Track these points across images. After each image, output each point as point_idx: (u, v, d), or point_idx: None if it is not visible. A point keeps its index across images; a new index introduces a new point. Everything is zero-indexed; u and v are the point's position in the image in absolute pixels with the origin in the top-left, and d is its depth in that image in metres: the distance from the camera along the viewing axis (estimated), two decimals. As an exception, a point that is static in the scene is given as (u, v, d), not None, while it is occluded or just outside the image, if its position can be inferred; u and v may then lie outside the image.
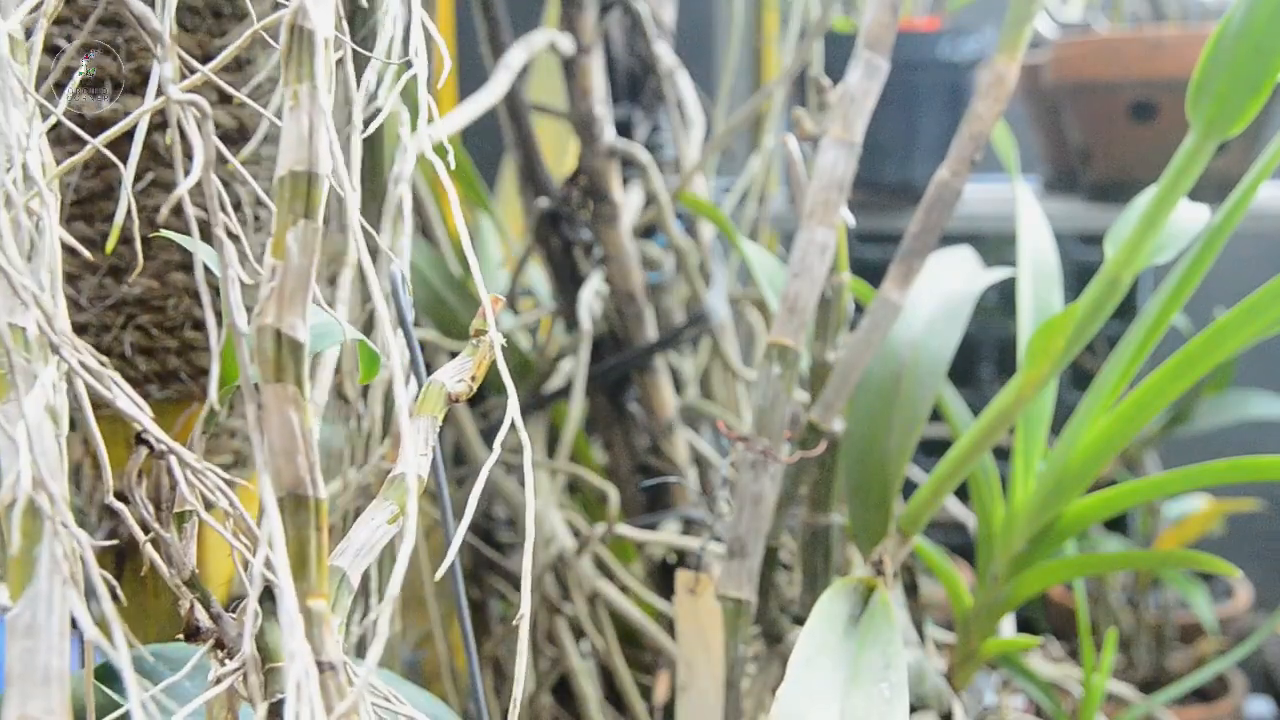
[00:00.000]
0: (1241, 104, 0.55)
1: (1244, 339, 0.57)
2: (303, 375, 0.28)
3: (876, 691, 0.46)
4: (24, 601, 0.26)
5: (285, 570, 0.26)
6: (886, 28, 0.59)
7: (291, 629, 0.25)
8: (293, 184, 0.28)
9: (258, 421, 0.28)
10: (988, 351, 1.69)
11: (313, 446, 0.28)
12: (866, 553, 0.63)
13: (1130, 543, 1.42)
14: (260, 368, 0.28)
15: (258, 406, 0.28)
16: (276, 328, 0.28)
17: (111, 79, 0.54)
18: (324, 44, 0.28)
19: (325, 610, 0.28)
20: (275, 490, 0.28)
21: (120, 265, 0.58)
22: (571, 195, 0.87)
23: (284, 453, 0.28)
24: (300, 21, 0.28)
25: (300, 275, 0.28)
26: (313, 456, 0.28)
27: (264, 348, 0.28)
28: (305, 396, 0.28)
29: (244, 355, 0.28)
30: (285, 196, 0.28)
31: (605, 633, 0.81)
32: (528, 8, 1.02)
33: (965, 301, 0.67)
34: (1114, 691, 0.83)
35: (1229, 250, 0.61)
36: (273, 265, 0.28)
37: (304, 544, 0.28)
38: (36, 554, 0.26)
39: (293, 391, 0.28)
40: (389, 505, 0.34)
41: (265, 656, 0.32)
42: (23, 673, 0.25)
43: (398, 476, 0.34)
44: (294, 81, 0.28)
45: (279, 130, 0.29)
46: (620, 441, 0.90)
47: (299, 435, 0.28)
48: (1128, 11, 1.33)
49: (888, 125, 1.16)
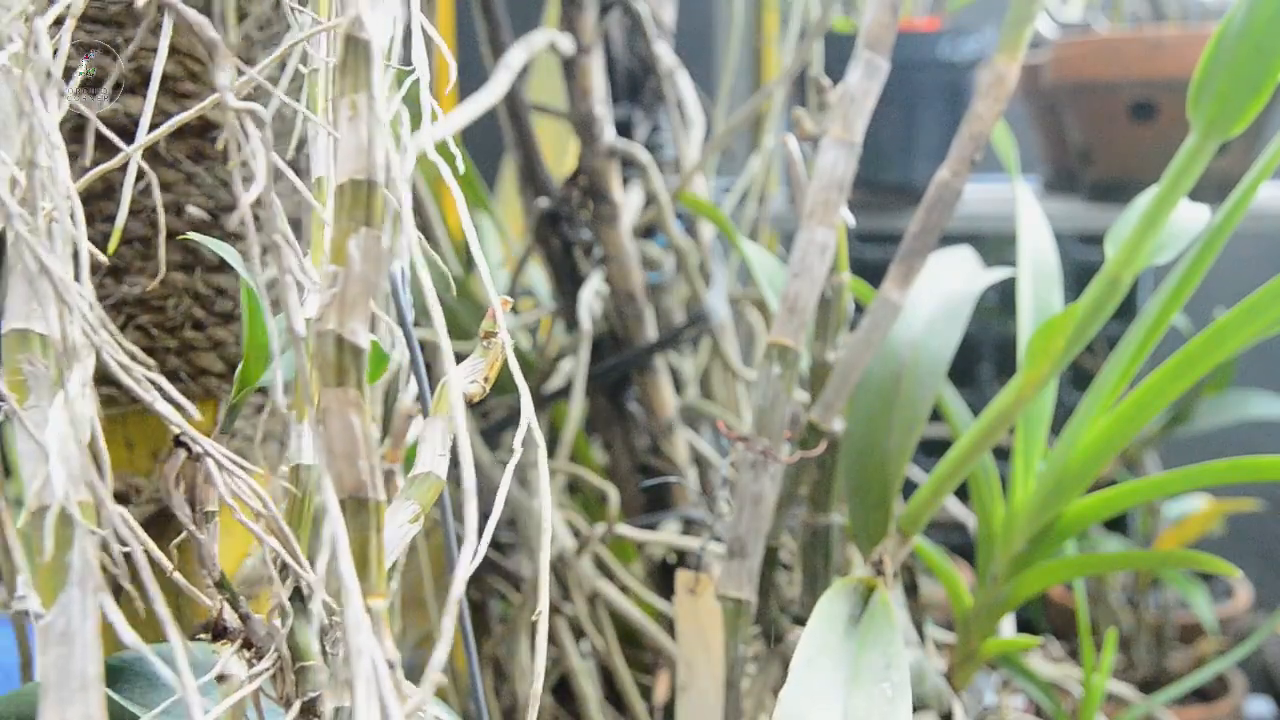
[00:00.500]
0: (1242, 104, 0.55)
1: (1244, 339, 0.57)
2: (363, 380, 0.28)
3: (878, 691, 0.46)
4: (57, 608, 0.26)
5: (350, 571, 0.26)
6: (886, 28, 0.59)
7: (358, 627, 0.25)
8: (353, 192, 0.29)
9: (318, 425, 0.28)
10: (988, 351, 1.69)
11: (374, 450, 0.28)
12: (866, 553, 0.63)
13: (1130, 543, 1.42)
14: (321, 372, 0.28)
15: (318, 410, 0.28)
16: (339, 333, 0.28)
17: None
18: (379, 54, 0.29)
19: (385, 610, 0.29)
20: (337, 493, 0.28)
21: (120, 265, 0.58)
22: (571, 195, 0.87)
23: (345, 456, 0.28)
24: (356, 32, 0.29)
25: (363, 282, 0.28)
26: (374, 460, 0.28)
27: (325, 352, 0.28)
28: (366, 401, 0.28)
29: (302, 359, 0.28)
30: (345, 204, 0.29)
31: (605, 633, 0.81)
32: (528, 8, 1.02)
33: (965, 301, 0.67)
34: (1114, 691, 0.83)
35: (1229, 250, 0.61)
36: (334, 271, 0.28)
37: (365, 545, 0.29)
38: (69, 560, 0.26)
39: (354, 395, 0.28)
40: (410, 504, 0.34)
41: (295, 656, 0.32)
42: (58, 680, 0.25)
43: (419, 476, 0.34)
44: (350, 91, 0.29)
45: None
46: (620, 441, 0.90)
47: (360, 439, 0.28)
48: (1128, 11, 1.33)
49: (888, 125, 1.16)
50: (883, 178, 1.25)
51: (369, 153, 0.29)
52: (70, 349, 0.29)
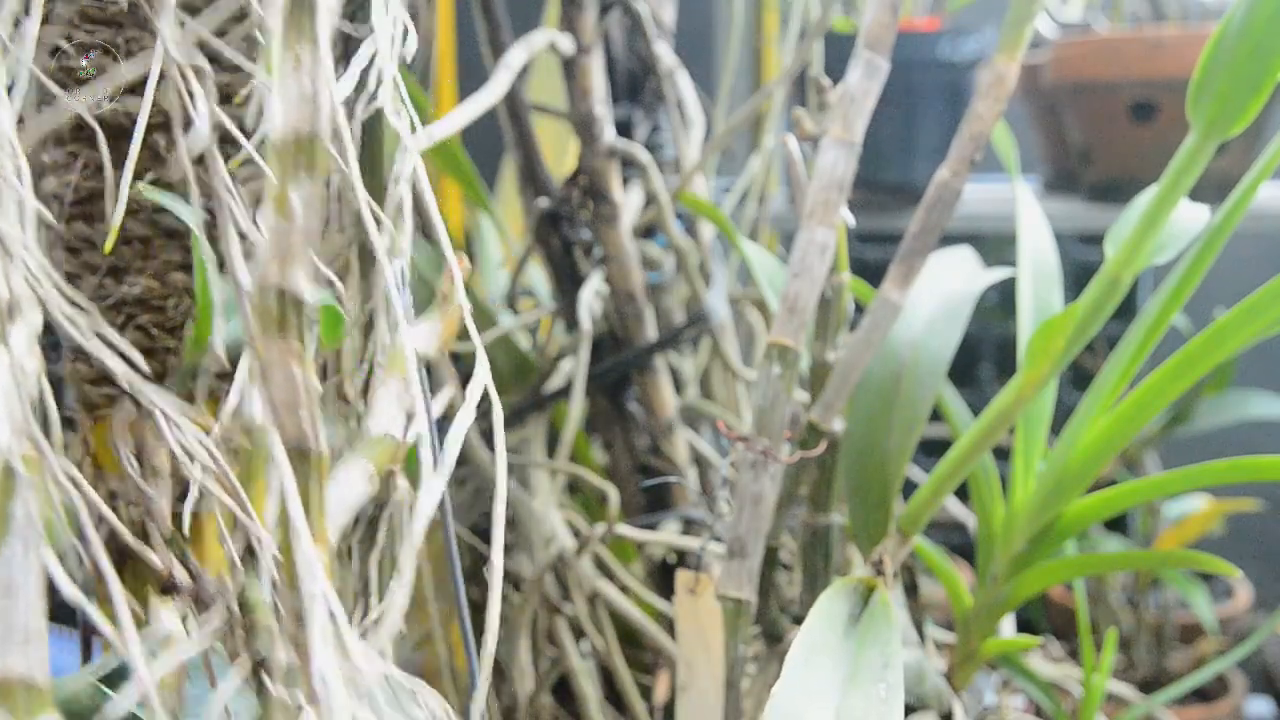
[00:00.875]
0: (1242, 104, 0.55)
1: (1244, 339, 0.57)
2: (304, 332, 0.28)
3: (874, 691, 0.46)
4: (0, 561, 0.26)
5: (300, 516, 0.26)
6: (886, 28, 0.59)
7: (309, 570, 0.25)
8: (296, 144, 0.28)
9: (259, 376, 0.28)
10: (988, 351, 1.69)
11: (314, 401, 0.28)
12: (866, 553, 0.63)
13: (1130, 543, 1.42)
14: (262, 323, 0.28)
15: (258, 362, 0.28)
16: (280, 285, 0.28)
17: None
18: (325, 5, 0.28)
19: (325, 560, 0.28)
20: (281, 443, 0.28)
21: (120, 265, 0.58)
22: (571, 195, 0.87)
23: (287, 406, 0.28)
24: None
25: (303, 234, 0.28)
26: (315, 411, 0.28)
27: (266, 304, 0.28)
28: (307, 352, 0.28)
29: (247, 313, 0.28)
30: (287, 156, 0.28)
31: (605, 633, 0.81)
32: (528, 8, 1.02)
33: (965, 301, 0.67)
34: (1114, 691, 0.83)
35: (1229, 250, 0.61)
36: (274, 224, 0.28)
37: (307, 496, 0.29)
38: (11, 510, 0.26)
39: (295, 347, 0.28)
40: (363, 462, 0.34)
41: (246, 612, 0.31)
42: (2, 633, 0.25)
43: (375, 437, 0.34)
44: (294, 44, 0.28)
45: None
46: (620, 441, 0.90)
47: (301, 389, 0.28)
48: (1128, 11, 1.33)
49: (888, 125, 1.16)
50: (882, 178, 1.25)
51: (313, 104, 0.28)
52: (14, 301, 0.28)
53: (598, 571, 0.82)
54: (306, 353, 0.28)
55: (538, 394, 0.90)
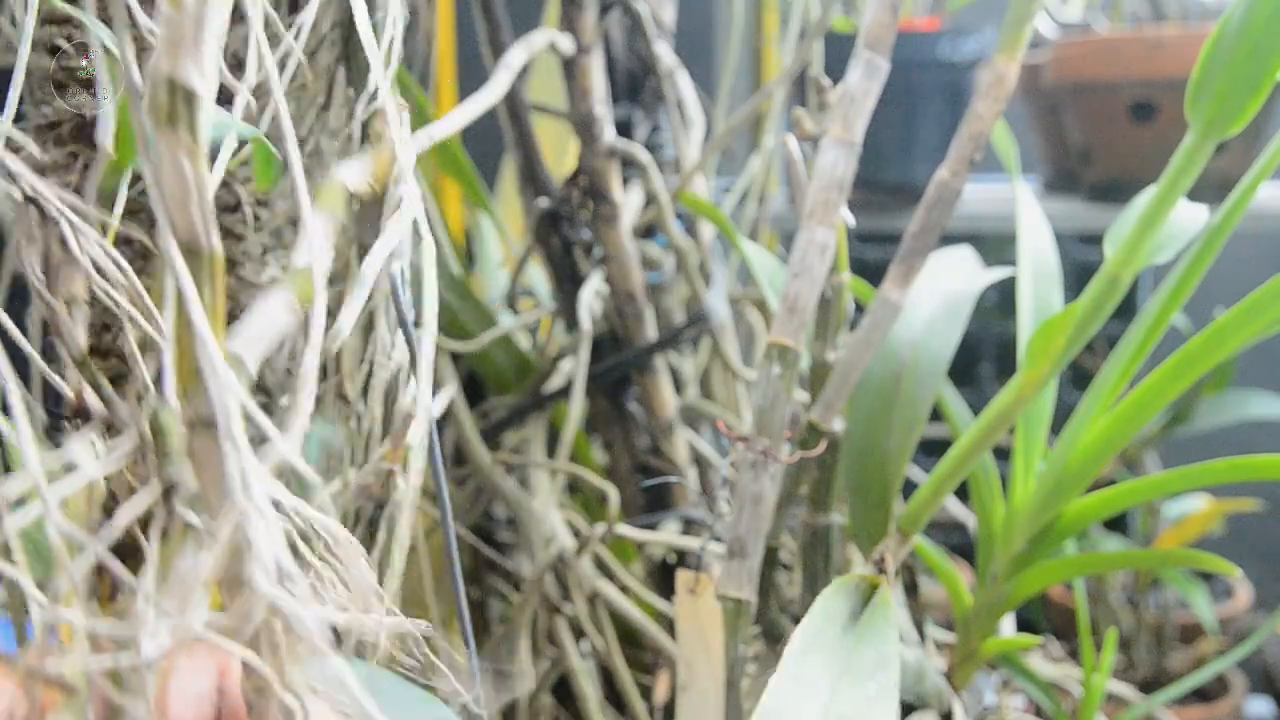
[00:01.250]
0: (1241, 103, 0.55)
1: (1244, 339, 0.57)
2: (196, 125, 0.27)
3: (864, 689, 0.47)
4: None
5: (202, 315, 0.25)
6: (886, 28, 0.59)
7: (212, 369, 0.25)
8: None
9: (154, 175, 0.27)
10: (988, 351, 1.69)
11: (206, 197, 0.27)
12: (866, 552, 0.63)
13: (1130, 543, 1.42)
14: (154, 117, 0.27)
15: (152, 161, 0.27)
16: (169, 75, 0.27)
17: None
18: None
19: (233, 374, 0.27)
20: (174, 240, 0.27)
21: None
22: (571, 195, 0.87)
23: (177, 201, 0.27)
24: None
25: (194, 22, 0.27)
26: (206, 207, 0.27)
27: (158, 97, 0.27)
28: (199, 146, 0.27)
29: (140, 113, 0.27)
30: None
31: (605, 633, 0.81)
32: (528, 8, 1.02)
33: (965, 301, 0.67)
34: (1114, 691, 0.83)
35: (1229, 250, 0.61)
36: (167, 14, 0.27)
37: (202, 296, 0.28)
38: None
39: (185, 139, 0.27)
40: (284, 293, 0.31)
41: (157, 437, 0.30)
42: None
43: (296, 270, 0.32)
44: None
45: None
46: (620, 441, 0.90)
47: (192, 183, 0.27)
48: (1128, 11, 1.33)
49: (888, 125, 1.16)
50: (882, 178, 1.25)
51: None
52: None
53: (598, 571, 0.82)
54: (199, 148, 0.27)
55: (538, 394, 0.90)
